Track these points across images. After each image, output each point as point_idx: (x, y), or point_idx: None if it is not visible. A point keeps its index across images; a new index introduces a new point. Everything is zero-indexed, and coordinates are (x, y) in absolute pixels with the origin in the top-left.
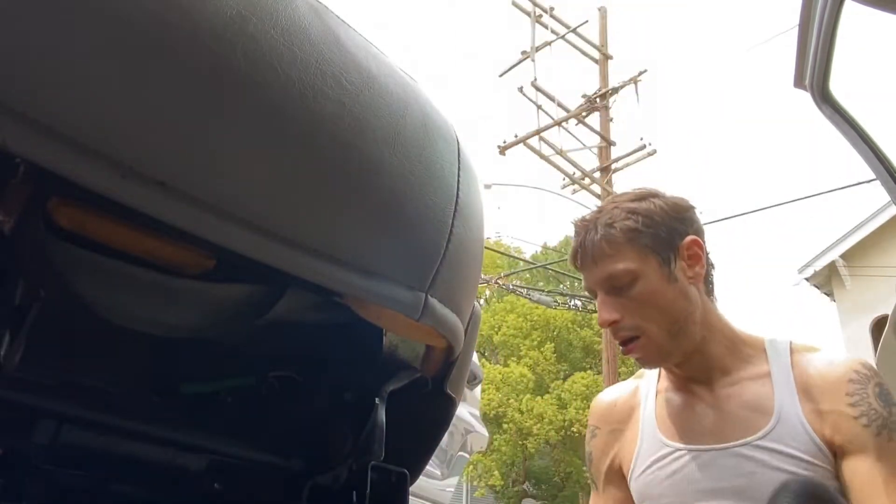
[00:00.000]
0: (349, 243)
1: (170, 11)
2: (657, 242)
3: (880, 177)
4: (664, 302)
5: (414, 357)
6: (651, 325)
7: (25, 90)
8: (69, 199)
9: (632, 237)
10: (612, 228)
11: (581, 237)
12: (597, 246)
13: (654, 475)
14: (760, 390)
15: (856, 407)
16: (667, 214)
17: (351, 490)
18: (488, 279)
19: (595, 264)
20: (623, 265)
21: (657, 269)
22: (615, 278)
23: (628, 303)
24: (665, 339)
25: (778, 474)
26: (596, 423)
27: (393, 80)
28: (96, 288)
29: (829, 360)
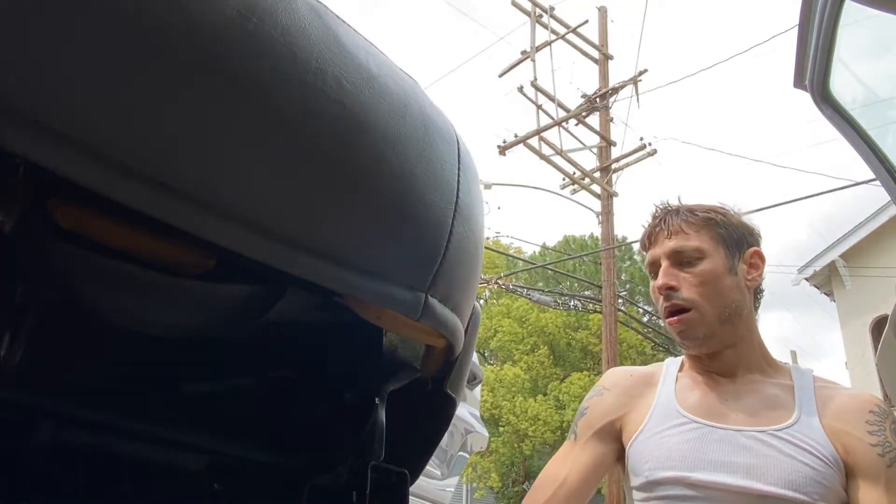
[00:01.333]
0: (349, 243)
1: (170, 11)
2: (729, 237)
3: (880, 177)
4: (721, 286)
5: (414, 357)
6: (705, 303)
7: (25, 90)
8: (69, 199)
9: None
10: (694, 214)
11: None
12: (675, 223)
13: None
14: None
15: (874, 436)
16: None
17: (351, 490)
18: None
19: (669, 238)
20: (695, 243)
21: (723, 257)
22: (683, 253)
23: (690, 277)
24: (713, 320)
25: (791, 462)
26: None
27: (393, 80)
28: (96, 288)
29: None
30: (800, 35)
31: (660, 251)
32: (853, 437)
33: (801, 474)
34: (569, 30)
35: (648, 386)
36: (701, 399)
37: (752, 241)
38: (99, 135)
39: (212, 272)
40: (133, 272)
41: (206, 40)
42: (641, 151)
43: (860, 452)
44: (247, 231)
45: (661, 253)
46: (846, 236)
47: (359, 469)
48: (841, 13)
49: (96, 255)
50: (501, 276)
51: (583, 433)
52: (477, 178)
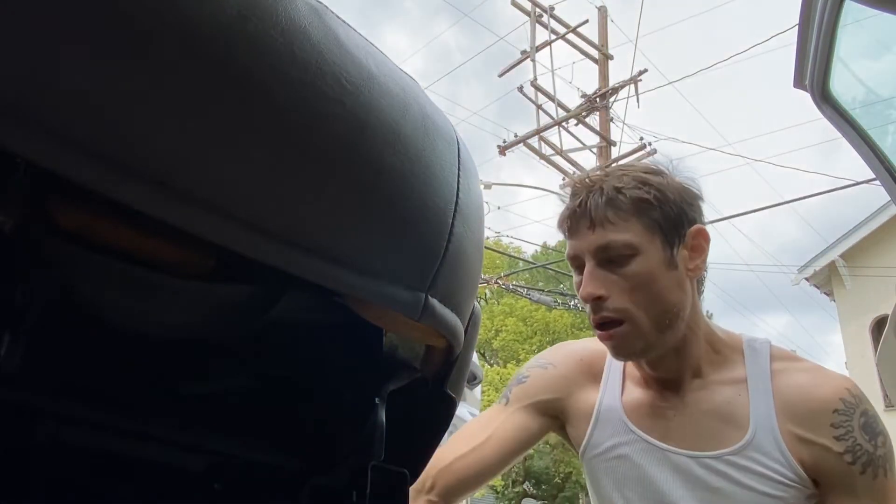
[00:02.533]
0: (349, 243)
1: (169, 11)
2: (666, 221)
3: (880, 177)
4: (658, 288)
5: (414, 357)
6: (639, 312)
7: (25, 90)
8: (69, 199)
9: (641, 208)
10: (621, 195)
11: (581, 198)
12: (600, 209)
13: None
14: (735, 398)
15: (841, 441)
16: (679, 195)
17: (351, 490)
18: (488, 279)
19: (592, 229)
20: (625, 236)
21: (659, 250)
22: (612, 249)
23: (620, 280)
24: (650, 331)
25: (748, 494)
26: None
27: (393, 80)
28: (96, 288)
29: (814, 380)
30: (800, 35)
31: (582, 246)
32: (818, 448)
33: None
34: (569, 30)
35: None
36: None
37: (693, 215)
38: (99, 135)
39: (212, 272)
40: (133, 272)
41: (206, 40)
42: (641, 151)
43: (828, 464)
44: (247, 231)
45: (583, 248)
46: (846, 236)
47: (359, 469)
48: (841, 13)
49: (96, 255)
50: (501, 276)
51: (516, 400)
52: (477, 178)
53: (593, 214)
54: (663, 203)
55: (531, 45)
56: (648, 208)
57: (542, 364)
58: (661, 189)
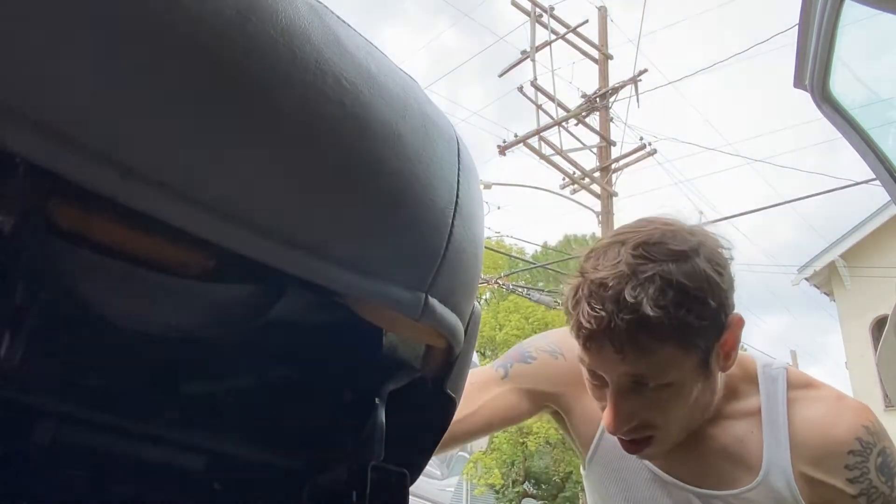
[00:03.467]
0: (349, 243)
1: (169, 11)
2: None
3: (880, 177)
4: (691, 400)
5: (414, 357)
6: (672, 423)
7: (25, 90)
8: (69, 200)
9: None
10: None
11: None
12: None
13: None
14: (747, 435)
15: (855, 484)
16: (718, 286)
17: (351, 490)
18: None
19: (622, 355)
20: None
21: (695, 367)
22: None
23: (652, 402)
24: (678, 434)
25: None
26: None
27: (393, 80)
28: (96, 288)
29: (830, 415)
30: (800, 35)
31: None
32: (833, 490)
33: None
34: (569, 30)
35: None
36: None
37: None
38: (99, 135)
39: (212, 272)
40: (133, 272)
41: (206, 40)
42: (641, 151)
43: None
44: (247, 231)
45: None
46: (846, 236)
47: (359, 469)
48: (841, 13)
49: (96, 255)
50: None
51: (516, 378)
52: (477, 178)
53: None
54: (704, 317)
55: (531, 45)
56: (688, 331)
57: (552, 350)
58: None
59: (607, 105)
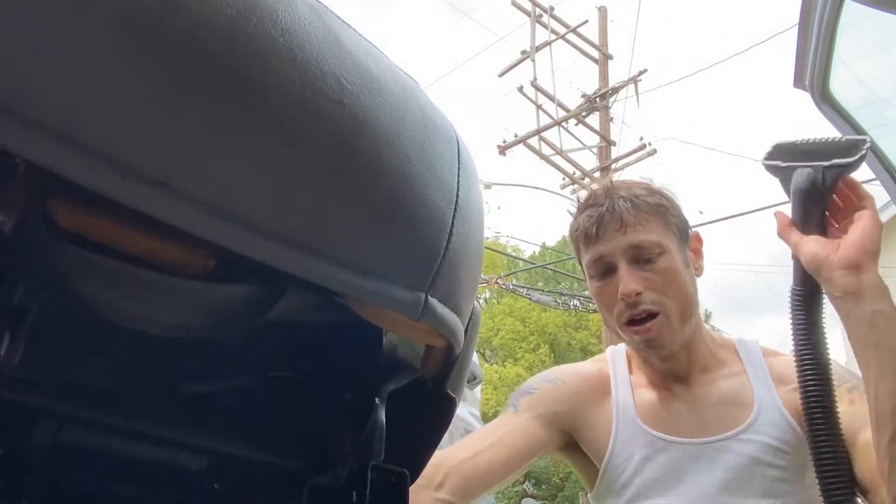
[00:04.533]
0: (349, 243)
1: (169, 11)
2: (678, 224)
3: (880, 177)
4: (682, 282)
5: (414, 357)
6: (671, 303)
7: (25, 90)
8: (69, 199)
9: (660, 212)
10: (642, 200)
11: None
12: (626, 212)
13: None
14: (738, 386)
15: None
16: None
17: (351, 490)
18: (488, 279)
19: (622, 232)
20: (653, 237)
21: (678, 249)
22: (644, 248)
23: (652, 276)
24: (678, 323)
25: (761, 468)
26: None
27: (393, 80)
28: (96, 288)
29: None
30: (800, 35)
31: (612, 247)
32: None
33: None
34: (569, 30)
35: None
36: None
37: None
38: (99, 135)
39: (212, 272)
40: (133, 272)
41: (206, 40)
42: (641, 151)
43: None
44: (247, 231)
45: (615, 249)
46: None
47: (359, 469)
48: (841, 13)
49: (96, 255)
50: (501, 276)
51: (526, 409)
52: (477, 178)
53: (621, 217)
54: (673, 209)
55: (531, 45)
56: (665, 212)
57: (551, 379)
58: (667, 197)
59: (607, 105)
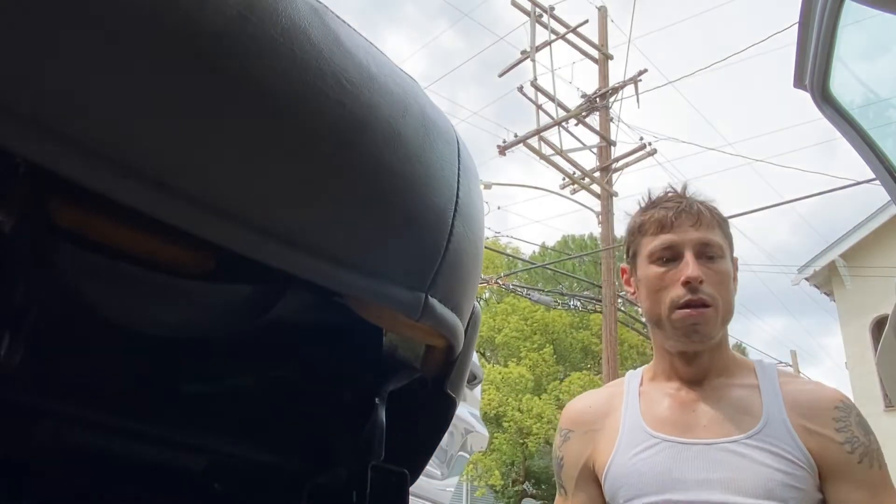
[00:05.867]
0: (349, 243)
1: (170, 12)
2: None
3: (880, 177)
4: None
5: (414, 357)
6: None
7: (25, 90)
8: (69, 199)
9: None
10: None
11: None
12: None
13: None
14: (749, 397)
15: (841, 433)
16: None
17: (351, 490)
18: (488, 279)
19: (696, 226)
20: (719, 239)
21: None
22: (711, 246)
23: (712, 273)
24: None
25: (766, 470)
26: (569, 426)
27: (393, 80)
28: (96, 288)
29: (815, 385)
30: (800, 35)
31: (684, 238)
32: (823, 437)
33: (776, 482)
34: (569, 30)
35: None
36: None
37: None
38: (99, 135)
39: (212, 272)
40: (133, 272)
41: (207, 40)
42: (641, 151)
43: (831, 451)
44: (247, 231)
45: (686, 240)
46: (846, 236)
47: (359, 469)
48: (841, 13)
49: (96, 254)
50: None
51: (567, 484)
52: (477, 178)
53: (697, 213)
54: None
55: (531, 45)
56: (726, 225)
57: (564, 436)
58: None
59: (607, 105)
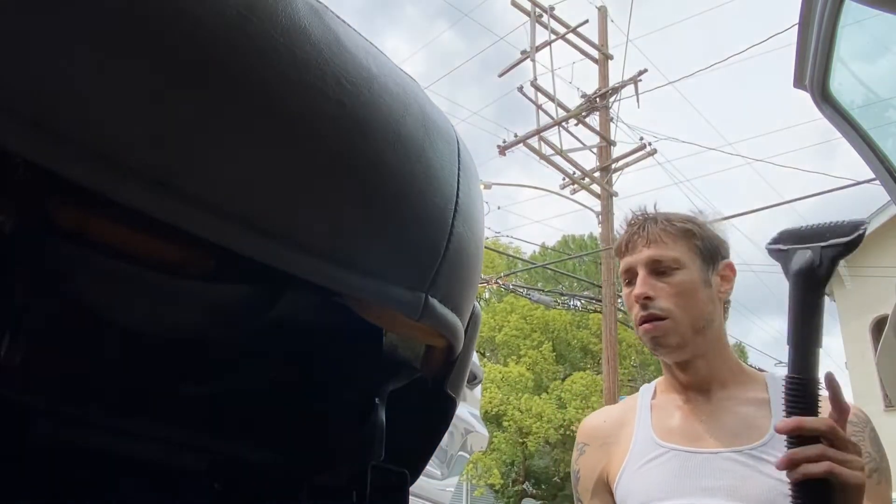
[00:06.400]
0: (349, 243)
1: (169, 11)
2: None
3: (880, 177)
4: (697, 297)
5: (414, 357)
6: (680, 312)
7: (25, 90)
8: (69, 199)
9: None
10: (672, 224)
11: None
12: (653, 232)
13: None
14: (757, 412)
15: None
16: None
17: (351, 490)
18: (488, 279)
19: (647, 246)
20: (673, 253)
21: (699, 269)
22: (661, 262)
23: (666, 287)
24: (687, 330)
25: (770, 481)
26: (585, 440)
27: (393, 80)
28: (96, 288)
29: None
30: (800, 35)
31: (636, 259)
32: None
33: (780, 492)
34: (569, 30)
35: (625, 426)
36: (678, 424)
37: (724, 253)
38: (99, 135)
39: (212, 272)
40: (133, 272)
41: (206, 40)
42: (641, 151)
43: None
44: (247, 231)
45: (637, 261)
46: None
47: (359, 469)
48: (841, 13)
49: (96, 254)
50: (501, 276)
51: (584, 497)
52: (477, 178)
53: (648, 236)
54: (703, 236)
55: (531, 45)
56: (692, 236)
57: (580, 449)
58: (701, 226)
59: (607, 105)
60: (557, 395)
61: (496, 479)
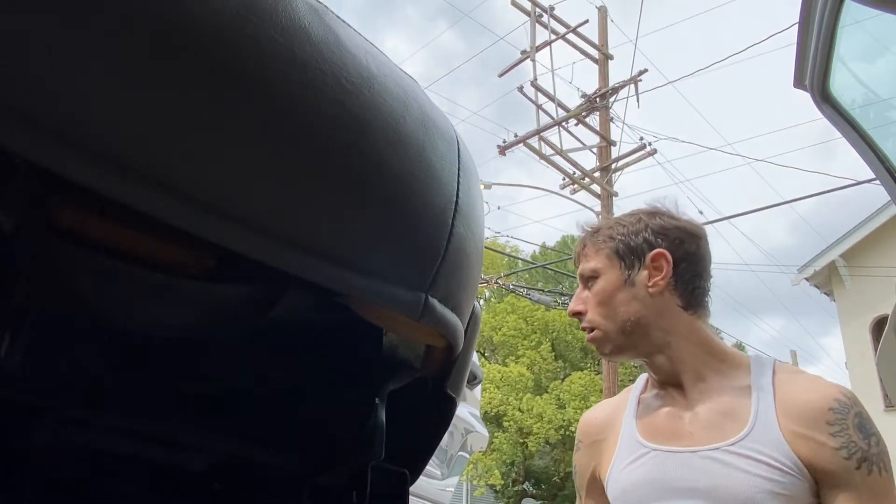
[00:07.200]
0: (349, 243)
1: (169, 11)
2: (626, 250)
3: (880, 177)
4: (614, 300)
5: (414, 357)
6: (603, 321)
7: (25, 90)
8: (69, 199)
9: (606, 242)
10: (595, 235)
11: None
12: (580, 248)
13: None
14: (738, 400)
15: (836, 437)
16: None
17: (351, 490)
18: (488, 279)
19: (579, 262)
20: (591, 264)
21: (617, 273)
22: (586, 276)
23: (591, 298)
24: (616, 334)
25: (749, 478)
26: (580, 437)
27: (393, 80)
28: (96, 288)
29: (811, 384)
30: (800, 35)
31: (579, 271)
32: (816, 443)
33: (759, 489)
34: (569, 30)
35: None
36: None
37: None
38: (99, 135)
39: (212, 272)
40: (132, 272)
41: (206, 40)
42: (641, 151)
43: (826, 458)
44: (247, 231)
45: (579, 276)
46: (846, 236)
47: (359, 469)
48: (841, 13)
49: (96, 255)
50: (501, 276)
51: (581, 492)
52: (477, 178)
53: (580, 249)
54: (625, 237)
55: (531, 45)
56: (611, 243)
57: (577, 446)
58: (629, 226)
59: (607, 105)
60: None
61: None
